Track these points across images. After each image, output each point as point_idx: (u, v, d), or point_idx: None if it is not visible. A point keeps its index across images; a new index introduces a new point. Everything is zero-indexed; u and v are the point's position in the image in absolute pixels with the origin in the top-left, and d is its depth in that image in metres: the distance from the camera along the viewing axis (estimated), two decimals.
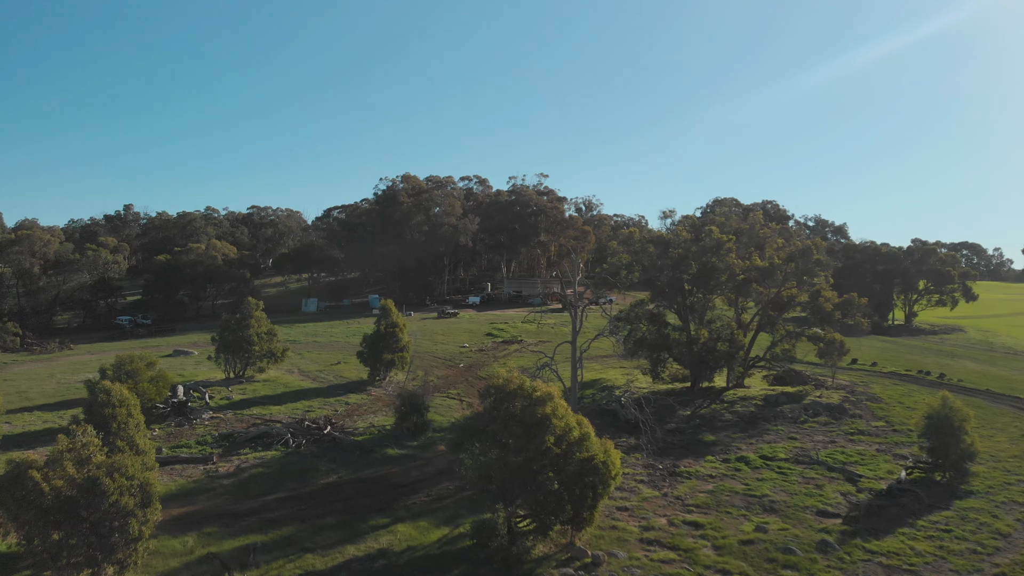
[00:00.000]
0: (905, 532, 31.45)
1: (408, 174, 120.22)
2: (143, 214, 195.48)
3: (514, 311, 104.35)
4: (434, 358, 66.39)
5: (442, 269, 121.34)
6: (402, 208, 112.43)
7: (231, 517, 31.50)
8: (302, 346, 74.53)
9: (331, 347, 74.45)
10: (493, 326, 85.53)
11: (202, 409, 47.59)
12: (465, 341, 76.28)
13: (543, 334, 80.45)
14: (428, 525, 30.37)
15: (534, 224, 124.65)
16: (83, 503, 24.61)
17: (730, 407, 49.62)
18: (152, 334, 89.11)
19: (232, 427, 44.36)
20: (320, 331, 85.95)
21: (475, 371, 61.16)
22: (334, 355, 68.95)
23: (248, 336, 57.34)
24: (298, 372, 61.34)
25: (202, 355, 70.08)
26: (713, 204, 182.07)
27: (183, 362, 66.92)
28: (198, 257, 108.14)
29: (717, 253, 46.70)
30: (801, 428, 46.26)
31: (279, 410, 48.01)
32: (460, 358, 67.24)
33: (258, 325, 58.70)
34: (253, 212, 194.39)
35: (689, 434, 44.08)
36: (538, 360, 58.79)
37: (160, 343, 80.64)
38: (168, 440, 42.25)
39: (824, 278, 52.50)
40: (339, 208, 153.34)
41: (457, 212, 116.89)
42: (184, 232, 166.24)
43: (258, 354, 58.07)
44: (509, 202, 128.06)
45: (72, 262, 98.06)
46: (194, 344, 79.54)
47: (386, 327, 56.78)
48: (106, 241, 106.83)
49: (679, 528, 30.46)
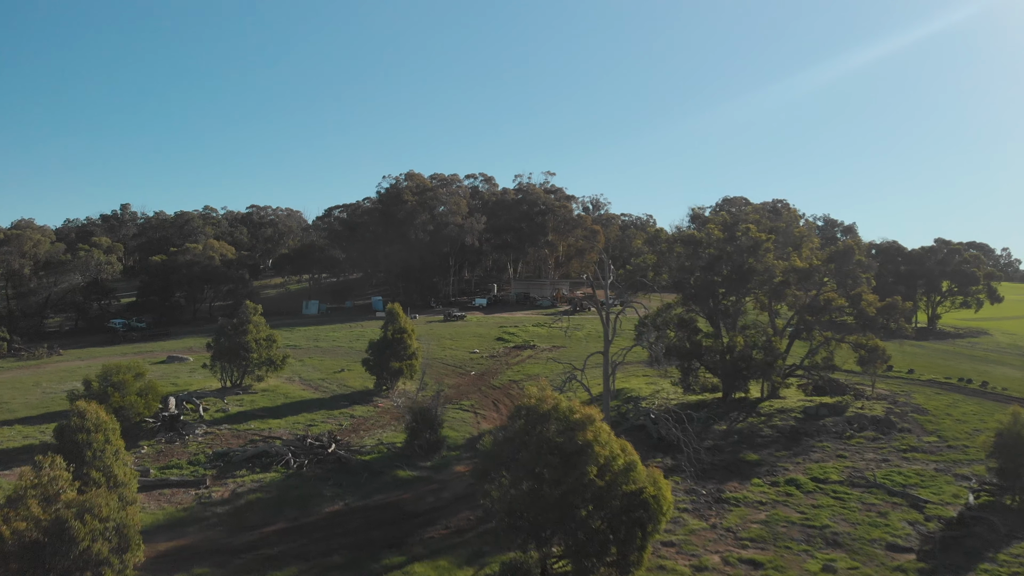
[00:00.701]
0: (987, 569, 27.83)
1: (412, 171, 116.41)
2: (140, 214, 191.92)
3: (523, 314, 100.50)
4: (443, 365, 62.61)
5: (447, 270, 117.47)
6: (406, 207, 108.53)
7: (225, 554, 27.76)
8: (303, 352, 70.73)
9: (333, 353, 70.68)
10: (503, 330, 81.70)
11: (195, 423, 43.85)
12: (475, 346, 72.47)
13: (556, 339, 76.66)
14: (449, 565, 26.62)
15: (542, 223, 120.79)
16: (49, 549, 20.96)
17: (768, 420, 45.85)
18: (146, 338, 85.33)
19: (228, 444, 40.61)
20: (322, 335, 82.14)
21: (488, 379, 57.36)
22: (337, 362, 65.17)
23: (245, 343, 53.58)
24: (299, 381, 57.57)
25: (197, 361, 66.32)
26: (722, 203, 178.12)
27: (177, 369, 63.13)
28: (195, 258, 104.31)
29: (755, 253, 42.91)
30: (848, 444, 42.49)
31: (279, 424, 44.25)
32: (471, 365, 63.44)
33: (256, 331, 54.93)
34: (252, 211, 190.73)
35: (729, 452, 40.28)
36: (556, 369, 55.14)
37: (154, 348, 76.85)
38: (157, 459, 38.51)
39: (866, 280, 48.67)
40: (340, 207, 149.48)
41: (463, 211, 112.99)
42: (181, 232, 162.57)
43: (256, 362, 54.30)
44: (516, 201, 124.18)
45: (63, 263, 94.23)
46: (189, 349, 75.76)
47: (393, 333, 53.00)
48: (99, 241, 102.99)
49: (736, 568, 26.72)
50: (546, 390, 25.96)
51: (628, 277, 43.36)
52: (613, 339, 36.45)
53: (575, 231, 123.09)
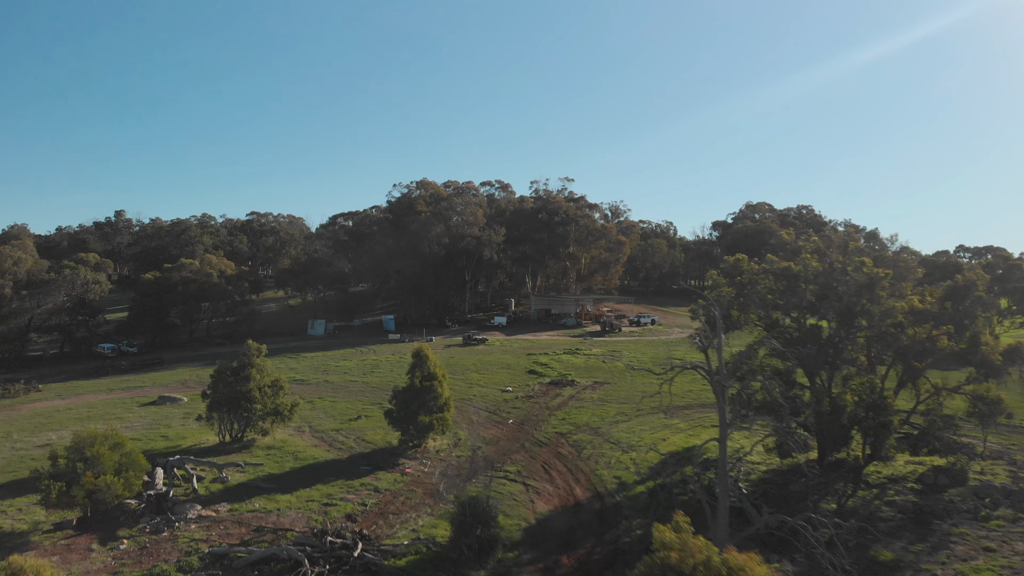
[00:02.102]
0: None
1: (426, 179, 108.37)
2: (135, 221, 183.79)
3: (548, 335, 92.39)
4: (474, 408, 54.60)
5: (463, 285, 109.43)
6: (420, 218, 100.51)
7: None
8: (312, 390, 62.71)
9: (346, 391, 62.69)
10: (533, 359, 73.67)
11: (188, 502, 35.93)
12: (505, 381, 64.46)
13: (595, 371, 68.66)
14: None
15: (563, 234, 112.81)
16: None
17: (882, 494, 37.88)
18: (137, 367, 77.26)
19: (227, 537, 32.63)
20: (331, 364, 74.18)
21: (530, 431, 49.37)
22: (351, 404, 57.17)
23: (247, 391, 45.68)
24: (310, 432, 49.62)
25: (193, 402, 58.41)
26: (745, 209, 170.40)
27: (169, 414, 55.20)
28: (191, 274, 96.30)
29: (870, 292, 34.94)
30: (988, 528, 34.47)
31: (289, 503, 36.24)
32: (506, 409, 55.41)
33: (260, 376, 47.02)
34: (252, 219, 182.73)
35: (855, 549, 32.24)
36: (607, 414, 46.82)
37: (144, 382, 68.89)
38: (139, 560, 30.53)
39: (987, 320, 40.78)
40: (345, 215, 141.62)
41: (480, 222, 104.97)
42: (178, 241, 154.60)
43: (260, 413, 46.42)
44: (534, 210, 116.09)
45: (48, 282, 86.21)
46: (184, 384, 67.84)
47: (422, 379, 45.06)
48: (87, 258, 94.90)
49: None
50: (685, 534, 17.93)
51: (701, 313, 35.40)
52: (727, 422, 28.27)
53: (599, 242, 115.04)
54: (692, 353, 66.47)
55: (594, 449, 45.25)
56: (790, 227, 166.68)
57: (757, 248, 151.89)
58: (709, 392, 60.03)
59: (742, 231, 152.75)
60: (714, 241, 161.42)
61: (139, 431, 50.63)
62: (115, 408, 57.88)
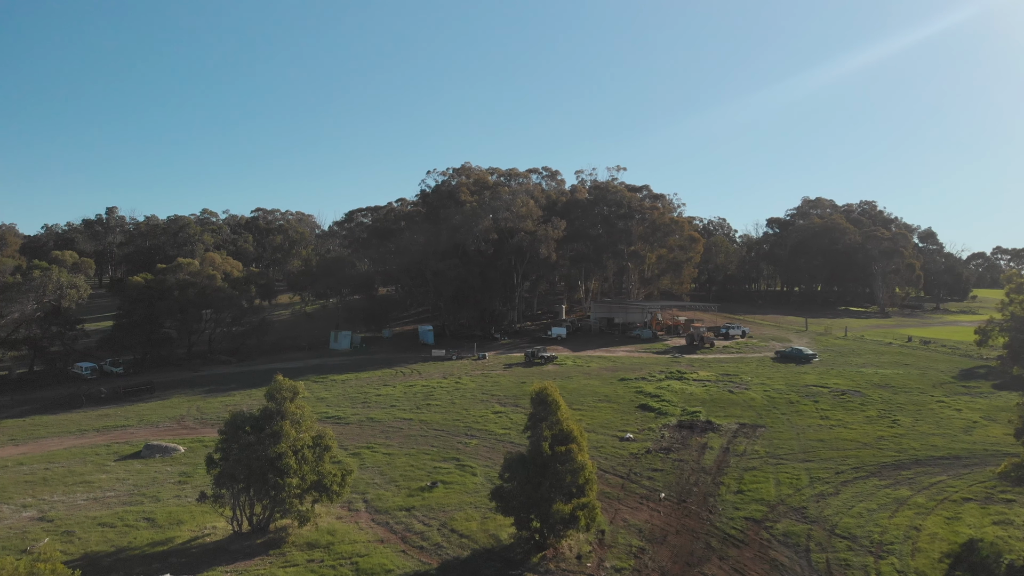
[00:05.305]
0: None
1: (468, 164, 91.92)
2: (129, 219, 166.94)
3: (625, 351, 75.70)
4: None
5: (512, 290, 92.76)
6: (464, 209, 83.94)
7: None
8: (353, 432, 46.21)
9: (401, 434, 46.13)
10: (629, 386, 57.19)
11: None
12: (616, 422, 47.89)
13: (726, 404, 52.04)
14: None
15: (625, 229, 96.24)
16: None
17: None
18: (121, 395, 60.56)
19: None
20: (371, 393, 57.58)
21: (703, 515, 32.74)
22: (416, 460, 40.60)
23: (277, 457, 29.28)
24: (367, 513, 33.22)
25: (192, 453, 42.01)
26: (803, 206, 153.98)
27: (157, 475, 38.74)
28: (190, 276, 79.74)
29: None
30: None
31: None
32: (638, 468, 38.81)
33: (296, 432, 30.60)
34: (258, 216, 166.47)
35: None
36: (800, 481, 30.07)
37: (128, 419, 52.27)
38: None
39: None
40: (364, 210, 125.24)
41: (535, 213, 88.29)
42: (176, 240, 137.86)
43: (297, 490, 30.00)
44: (590, 201, 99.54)
45: (11, 286, 69.73)
46: (180, 422, 51.30)
47: (552, 443, 28.63)
48: (62, 256, 78.16)
49: None
50: None
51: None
52: None
53: (668, 239, 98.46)
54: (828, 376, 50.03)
55: (824, 550, 28.78)
56: (856, 225, 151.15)
57: (828, 248, 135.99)
58: (910, 439, 43.58)
59: (808, 229, 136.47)
60: (775, 239, 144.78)
61: (113, 507, 34.36)
62: (84, 463, 41.45)
